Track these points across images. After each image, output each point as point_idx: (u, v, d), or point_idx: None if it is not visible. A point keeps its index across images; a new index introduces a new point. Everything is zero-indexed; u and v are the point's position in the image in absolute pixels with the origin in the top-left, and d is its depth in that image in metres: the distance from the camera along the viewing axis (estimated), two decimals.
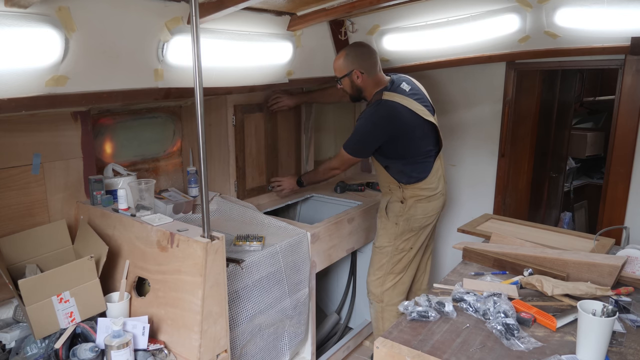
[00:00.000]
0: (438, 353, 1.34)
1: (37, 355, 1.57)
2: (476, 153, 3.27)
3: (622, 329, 1.45)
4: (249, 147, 2.76)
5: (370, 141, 2.34)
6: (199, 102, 1.52)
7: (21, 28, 1.41)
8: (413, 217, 2.43)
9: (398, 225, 2.44)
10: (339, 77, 2.41)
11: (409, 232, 2.45)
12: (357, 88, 2.40)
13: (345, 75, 2.37)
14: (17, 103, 1.57)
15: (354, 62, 2.35)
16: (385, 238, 2.50)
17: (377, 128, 2.30)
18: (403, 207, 2.42)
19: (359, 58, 2.35)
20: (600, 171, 4.78)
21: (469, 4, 2.41)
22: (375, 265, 2.56)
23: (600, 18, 2.25)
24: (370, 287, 2.60)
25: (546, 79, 3.51)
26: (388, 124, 2.28)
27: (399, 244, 2.47)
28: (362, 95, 2.43)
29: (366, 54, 2.37)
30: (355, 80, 2.36)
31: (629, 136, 2.60)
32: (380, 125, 2.29)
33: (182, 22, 1.88)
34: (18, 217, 1.92)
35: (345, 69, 2.36)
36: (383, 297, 2.55)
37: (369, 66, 2.36)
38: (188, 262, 1.65)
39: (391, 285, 2.53)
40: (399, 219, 2.44)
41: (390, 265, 2.51)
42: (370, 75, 2.37)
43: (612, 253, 1.93)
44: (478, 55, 2.75)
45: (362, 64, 2.35)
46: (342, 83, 2.42)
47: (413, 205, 2.42)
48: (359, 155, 2.44)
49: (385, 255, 2.51)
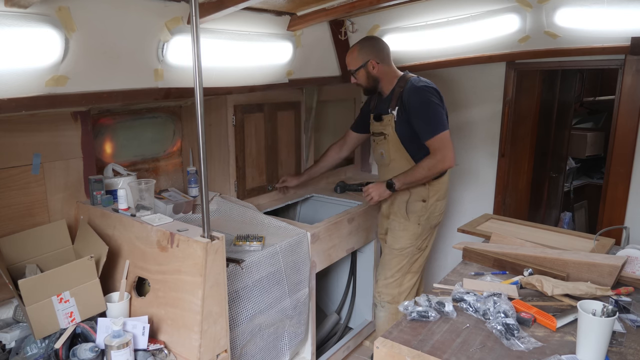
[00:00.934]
0: (438, 353, 1.34)
1: (37, 355, 1.57)
2: (476, 153, 3.28)
3: (622, 329, 1.45)
4: (249, 147, 2.76)
5: (443, 109, 2.30)
6: (199, 102, 1.52)
7: (21, 28, 1.41)
8: (432, 215, 2.43)
9: (420, 225, 2.42)
10: (354, 70, 2.39)
11: (428, 231, 2.45)
12: (374, 78, 2.39)
13: (361, 67, 2.36)
14: (17, 103, 1.57)
15: (370, 52, 2.35)
16: (407, 240, 2.45)
17: (439, 96, 2.29)
18: (425, 205, 2.40)
19: (374, 48, 2.36)
20: (600, 171, 4.78)
21: (469, 4, 2.42)
22: (394, 267, 2.50)
23: (600, 18, 2.25)
24: (385, 289, 2.54)
25: (546, 79, 3.51)
26: (440, 96, 2.29)
27: (419, 244, 2.46)
28: (379, 85, 2.41)
29: (380, 45, 2.39)
30: (371, 70, 2.36)
31: (629, 136, 2.60)
32: (439, 94, 2.29)
33: (182, 22, 1.88)
34: (18, 217, 1.92)
35: (361, 60, 2.36)
36: (399, 299, 2.50)
37: (385, 56, 2.37)
38: (188, 262, 1.65)
39: (409, 285, 2.51)
40: (420, 219, 2.42)
41: (408, 265, 2.49)
42: (386, 65, 2.37)
43: (612, 253, 1.93)
44: (478, 55, 2.75)
45: (377, 54, 2.35)
46: (357, 76, 2.40)
47: (434, 204, 2.41)
48: (447, 125, 2.30)
49: (405, 257, 2.47)
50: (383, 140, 2.42)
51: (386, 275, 2.54)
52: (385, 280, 2.55)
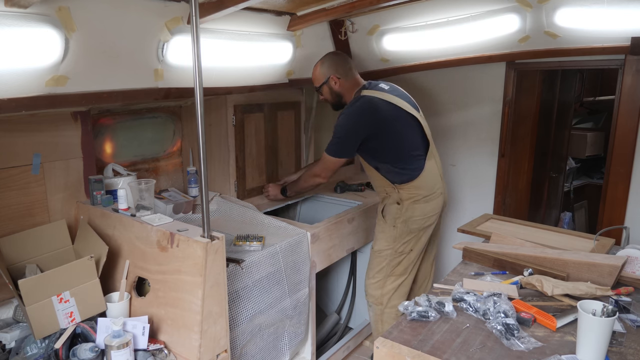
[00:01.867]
0: (438, 353, 1.34)
1: (37, 355, 1.57)
2: (476, 153, 3.28)
3: (622, 329, 1.45)
4: (249, 147, 2.76)
5: (352, 137, 2.33)
6: (199, 102, 1.52)
7: (21, 28, 1.41)
8: (411, 219, 2.41)
9: (396, 228, 2.42)
10: (317, 87, 2.48)
11: (407, 235, 2.44)
12: (337, 93, 2.45)
13: (323, 83, 2.44)
14: (17, 103, 1.57)
15: (330, 68, 2.41)
16: (384, 241, 2.47)
17: (357, 123, 2.30)
18: (400, 208, 2.40)
19: (334, 64, 2.42)
20: (600, 171, 4.78)
21: (469, 4, 2.42)
22: (375, 268, 2.52)
23: (600, 18, 2.26)
24: (369, 290, 2.56)
25: (546, 79, 3.51)
26: (368, 117, 2.29)
27: (398, 247, 2.45)
28: (342, 100, 2.47)
29: (340, 60, 2.45)
30: (334, 86, 2.43)
31: (629, 136, 2.60)
32: (360, 120, 2.30)
33: (182, 22, 1.88)
34: (18, 217, 1.92)
35: (323, 77, 2.43)
36: (382, 300, 2.52)
37: (345, 71, 2.42)
38: (188, 262, 1.65)
39: (392, 287, 2.50)
40: (396, 222, 2.42)
41: (390, 268, 2.48)
42: (347, 79, 2.42)
43: (612, 253, 1.93)
44: (478, 55, 2.76)
45: (337, 69, 2.41)
46: (322, 92, 2.48)
47: (410, 206, 2.39)
48: (343, 154, 2.40)
49: (384, 259, 2.48)
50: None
51: (369, 275, 2.57)
52: (368, 280, 2.57)
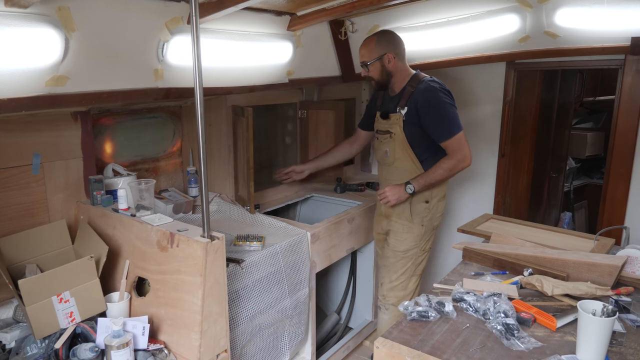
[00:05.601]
0: (438, 353, 1.34)
1: (37, 355, 1.57)
2: (476, 153, 3.25)
3: (622, 329, 1.45)
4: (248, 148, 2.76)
5: (457, 113, 2.28)
6: (199, 102, 1.52)
7: (21, 28, 1.41)
8: (434, 216, 2.43)
9: (424, 227, 2.42)
10: (369, 61, 2.32)
11: (430, 232, 2.44)
12: (388, 73, 2.33)
13: (376, 59, 2.30)
14: (17, 103, 1.57)
15: (388, 45, 2.30)
16: (411, 242, 2.44)
17: (452, 98, 2.28)
18: (428, 206, 2.40)
19: (392, 42, 2.33)
20: (600, 171, 4.78)
21: (469, 4, 2.42)
22: (399, 270, 2.49)
23: (600, 18, 2.26)
24: (393, 292, 2.52)
25: (546, 79, 3.51)
26: (452, 97, 2.28)
27: (422, 245, 2.45)
28: (391, 81, 2.37)
29: (399, 40, 2.35)
30: (387, 64, 2.31)
31: (629, 136, 2.60)
32: (452, 97, 2.28)
33: (182, 22, 1.88)
34: (18, 217, 1.92)
35: (378, 52, 2.30)
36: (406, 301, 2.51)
37: (401, 52, 2.34)
38: (188, 262, 1.65)
39: (413, 287, 2.51)
40: (424, 220, 2.41)
41: (414, 267, 2.48)
42: (402, 61, 2.34)
43: (612, 253, 1.93)
44: (478, 55, 2.76)
45: (395, 48, 2.32)
46: (370, 68, 2.34)
47: (436, 204, 2.41)
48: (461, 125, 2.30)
49: (409, 259, 2.46)
50: (388, 138, 2.38)
51: (392, 278, 2.52)
52: (390, 284, 2.52)
